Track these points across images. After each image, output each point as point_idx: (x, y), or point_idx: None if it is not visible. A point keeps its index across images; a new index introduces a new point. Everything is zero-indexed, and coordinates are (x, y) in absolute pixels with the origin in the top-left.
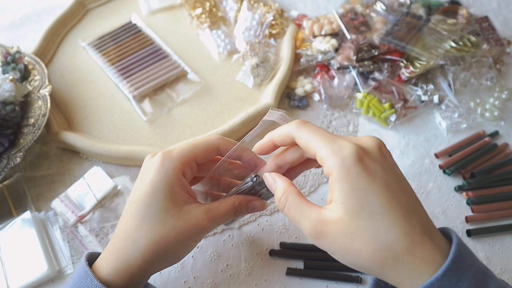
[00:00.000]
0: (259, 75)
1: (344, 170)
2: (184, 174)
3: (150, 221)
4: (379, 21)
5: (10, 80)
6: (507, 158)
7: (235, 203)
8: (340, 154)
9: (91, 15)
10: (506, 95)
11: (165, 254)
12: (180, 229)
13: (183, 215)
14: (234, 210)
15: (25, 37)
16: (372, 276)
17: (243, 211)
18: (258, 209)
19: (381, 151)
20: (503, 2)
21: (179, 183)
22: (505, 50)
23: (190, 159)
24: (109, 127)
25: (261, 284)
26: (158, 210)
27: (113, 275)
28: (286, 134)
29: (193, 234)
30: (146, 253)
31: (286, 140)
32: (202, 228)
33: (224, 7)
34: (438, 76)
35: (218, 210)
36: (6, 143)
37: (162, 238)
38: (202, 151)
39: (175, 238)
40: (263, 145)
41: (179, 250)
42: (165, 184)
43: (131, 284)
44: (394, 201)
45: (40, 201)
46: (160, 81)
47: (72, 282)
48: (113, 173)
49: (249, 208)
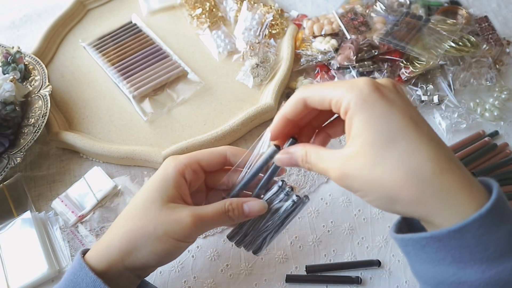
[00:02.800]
0: (259, 75)
1: (360, 100)
2: (185, 175)
3: (136, 211)
4: (379, 21)
5: (11, 80)
6: (507, 158)
7: (226, 204)
8: (356, 87)
9: (91, 15)
10: (506, 95)
11: (142, 247)
12: (160, 221)
13: (168, 209)
14: (225, 211)
15: (25, 37)
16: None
17: (239, 214)
18: (255, 211)
19: (396, 87)
20: (502, 2)
21: (174, 181)
22: (505, 50)
23: (193, 162)
24: (109, 127)
25: (261, 284)
26: (145, 201)
27: (96, 261)
28: (296, 101)
29: (174, 230)
30: (123, 240)
31: (298, 108)
32: (185, 225)
33: (224, 7)
34: (438, 76)
35: (205, 209)
36: (6, 143)
37: (141, 227)
38: (206, 155)
39: (154, 229)
40: (276, 126)
41: (158, 246)
42: (160, 180)
43: (110, 272)
44: (415, 127)
45: (40, 201)
46: (160, 81)
47: (66, 274)
48: (113, 173)
49: (245, 210)
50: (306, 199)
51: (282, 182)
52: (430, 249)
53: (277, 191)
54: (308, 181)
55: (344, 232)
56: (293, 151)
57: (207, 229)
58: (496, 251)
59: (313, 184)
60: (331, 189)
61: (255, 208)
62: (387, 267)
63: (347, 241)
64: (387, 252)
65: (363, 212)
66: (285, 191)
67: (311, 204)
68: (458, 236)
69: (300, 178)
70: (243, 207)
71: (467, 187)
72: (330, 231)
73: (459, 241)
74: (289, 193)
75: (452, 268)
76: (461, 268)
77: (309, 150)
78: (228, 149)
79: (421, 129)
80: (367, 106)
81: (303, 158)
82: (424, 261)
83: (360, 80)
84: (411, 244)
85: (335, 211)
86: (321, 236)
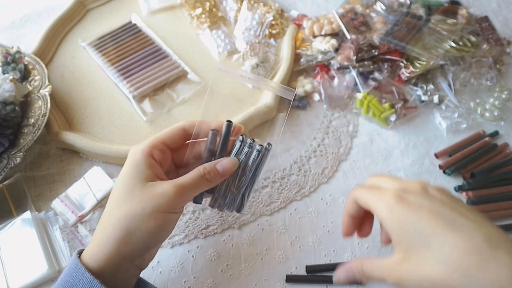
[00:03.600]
0: (259, 75)
1: (389, 213)
2: (153, 155)
3: (119, 200)
4: (379, 21)
5: (10, 80)
6: (507, 158)
7: (201, 169)
8: (383, 200)
9: (91, 15)
10: (506, 95)
11: (136, 229)
12: (145, 200)
13: (148, 188)
14: (202, 174)
15: (25, 37)
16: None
17: (214, 174)
18: (228, 168)
19: (424, 189)
20: (503, 2)
21: (145, 163)
22: (505, 50)
23: (157, 142)
24: (109, 127)
25: (261, 284)
26: (125, 189)
27: (91, 260)
28: (352, 201)
29: (161, 203)
30: (115, 230)
31: (355, 207)
32: (170, 196)
33: (224, 7)
34: (438, 76)
35: (184, 178)
36: (6, 143)
37: (129, 212)
38: (168, 133)
39: (142, 209)
40: (345, 226)
41: (150, 224)
42: (132, 166)
43: (107, 268)
44: (446, 223)
45: (40, 201)
46: (160, 81)
47: (63, 275)
48: (113, 173)
49: (219, 169)
50: (269, 145)
51: (243, 137)
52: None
53: (240, 146)
54: (308, 181)
55: None
56: (350, 267)
57: (190, 195)
58: None
59: (313, 184)
60: (331, 189)
61: (228, 165)
62: None
63: (347, 241)
64: (387, 252)
65: None
66: (247, 143)
67: (311, 204)
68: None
69: (300, 178)
70: (216, 168)
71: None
72: (330, 231)
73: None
74: (252, 144)
75: None
76: None
77: (364, 263)
78: (185, 123)
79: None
80: (394, 217)
81: (359, 272)
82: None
83: (386, 192)
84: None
85: (335, 211)
86: (321, 236)
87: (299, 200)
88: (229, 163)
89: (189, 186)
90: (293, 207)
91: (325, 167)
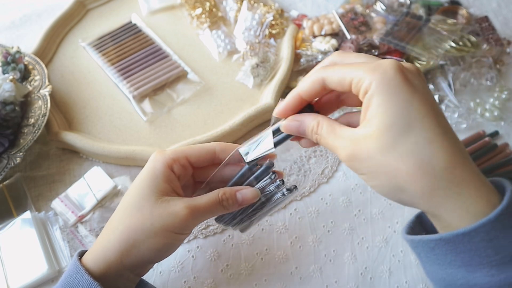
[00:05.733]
0: (259, 75)
1: (384, 82)
2: (173, 169)
3: (130, 209)
4: (379, 21)
5: (10, 80)
6: (507, 158)
7: (220, 193)
8: (380, 68)
9: (91, 15)
10: (506, 95)
11: (141, 243)
12: (156, 216)
13: (162, 203)
14: (219, 200)
15: (25, 37)
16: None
17: (232, 202)
18: (248, 199)
19: (419, 72)
20: (503, 2)
21: (163, 175)
22: (505, 50)
23: (181, 156)
24: (109, 127)
25: (261, 284)
26: (138, 198)
27: (93, 264)
28: (314, 80)
29: (171, 223)
30: (121, 239)
31: (315, 88)
32: (182, 217)
33: (224, 7)
34: (438, 76)
35: (200, 200)
36: (6, 143)
37: (138, 224)
38: (195, 150)
39: (151, 225)
40: (289, 104)
41: (157, 241)
42: (150, 176)
43: (108, 274)
44: (434, 117)
45: (40, 201)
46: (160, 81)
47: (63, 276)
48: (113, 173)
49: (238, 199)
50: (295, 189)
51: (274, 175)
52: (440, 251)
53: (269, 183)
54: (309, 181)
55: (344, 232)
56: (304, 119)
57: (203, 219)
58: (507, 255)
59: (313, 184)
60: (331, 189)
61: (248, 196)
62: (387, 267)
63: (347, 241)
64: (387, 252)
65: (363, 212)
66: (275, 183)
67: (311, 204)
68: (466, 239)
69: (300, 178)
70: (236, 196)
71: (479, 186)
72: (330, 231)
73: (468, 244)
74: (280, 186)
75: (461, 271)
76: (470, 271)
77: (322, 121)
78: (216, 146)
79: (439, 120)
80: (389, 88)
81: (313, 128)
82: (434, 263)
83: (385, 61)
84: (421, 246)
85: (335, 211)
86: (321, 236)
87: (299, 200)
88: (251, 194)
89: (203, 210)
90: (293, 207)
91: (325, 167)
